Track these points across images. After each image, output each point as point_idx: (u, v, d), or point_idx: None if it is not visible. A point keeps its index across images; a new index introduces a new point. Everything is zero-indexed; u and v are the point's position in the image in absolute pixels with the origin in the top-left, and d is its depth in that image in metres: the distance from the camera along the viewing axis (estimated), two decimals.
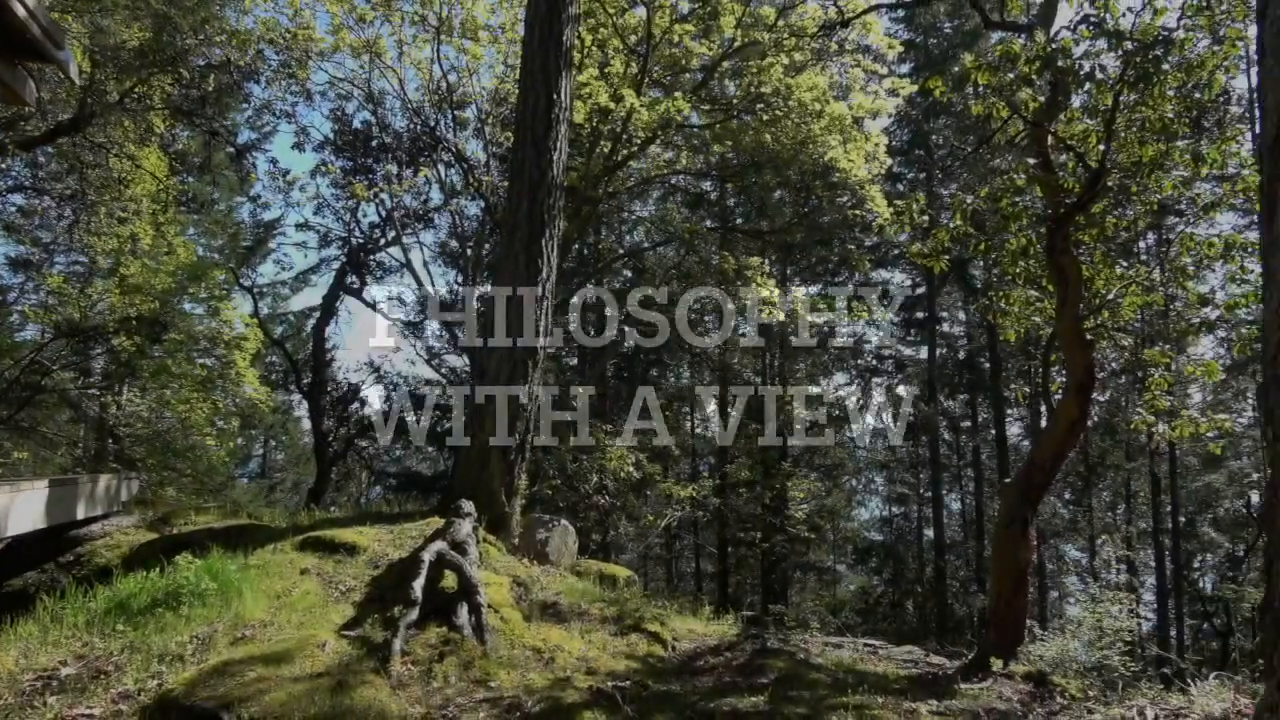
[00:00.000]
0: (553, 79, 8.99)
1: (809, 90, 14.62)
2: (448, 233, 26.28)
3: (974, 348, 28.45)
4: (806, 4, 15.10)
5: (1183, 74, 7.81)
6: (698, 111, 17.86)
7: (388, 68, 19.03)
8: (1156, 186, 8.49)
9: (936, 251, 9.21)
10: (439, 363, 26.88)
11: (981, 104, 8.10)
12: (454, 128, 20.41)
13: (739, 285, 17.05)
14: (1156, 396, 9.19)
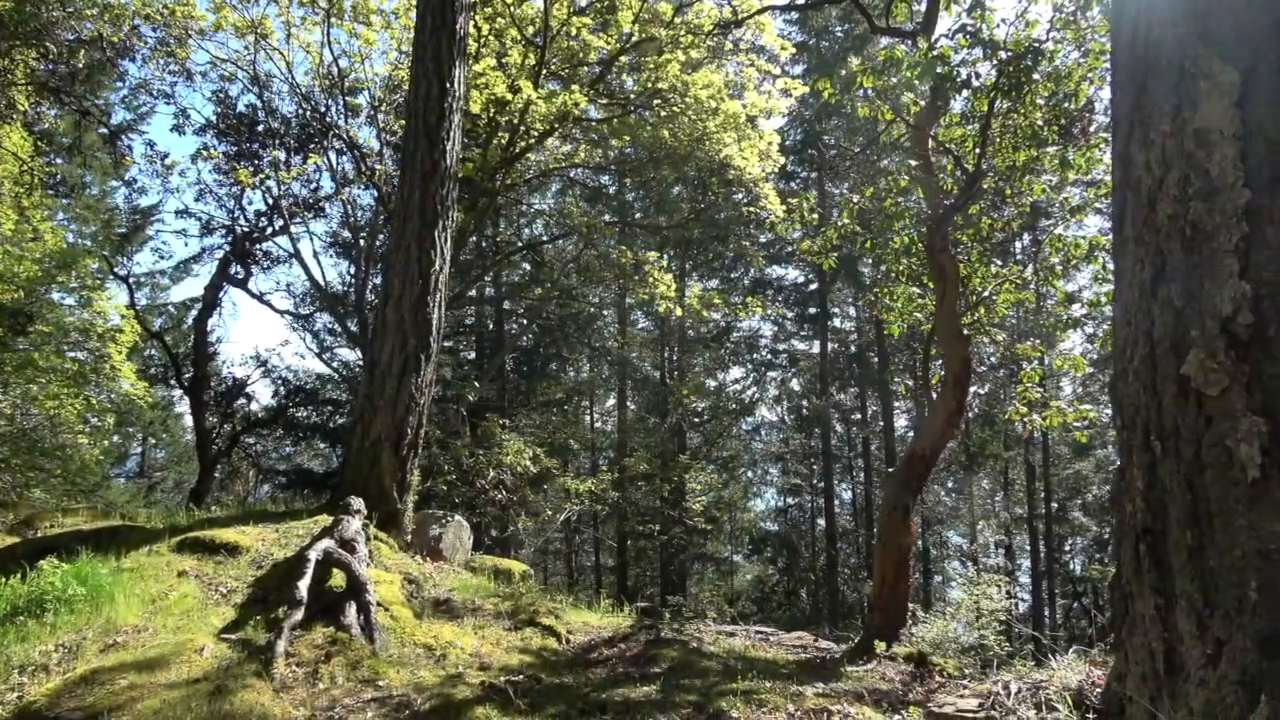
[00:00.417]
0: (446, 68, 8.83)
1: (705, 87, 14.80)
2: (340, 222, 25.50)
3: (863, 342, 29.41)
4: (703, 2, 15.28)
5: (1052, 84, 8.25)
6: (596, 105, 17.84)
7: (274, 49, 18.32)
8: (1028, 190, 8.97)
9: (826, 249, 9.49)
10: (330, 356, 26.09)
11: (867, 107, 8.38)
12: (346, 114, 19.82)
13: (637, 280, 17.14)
14: (1028, 389, 9.71)
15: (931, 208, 8.20)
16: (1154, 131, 3.31)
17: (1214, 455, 2.90)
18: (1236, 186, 2.99)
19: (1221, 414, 2.89)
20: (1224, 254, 2.97)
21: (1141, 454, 3.21)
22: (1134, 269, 3.35)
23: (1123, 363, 3.41)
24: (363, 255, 21.93)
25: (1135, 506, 3.23)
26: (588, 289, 25.81)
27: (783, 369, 30.95)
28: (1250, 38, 3.16)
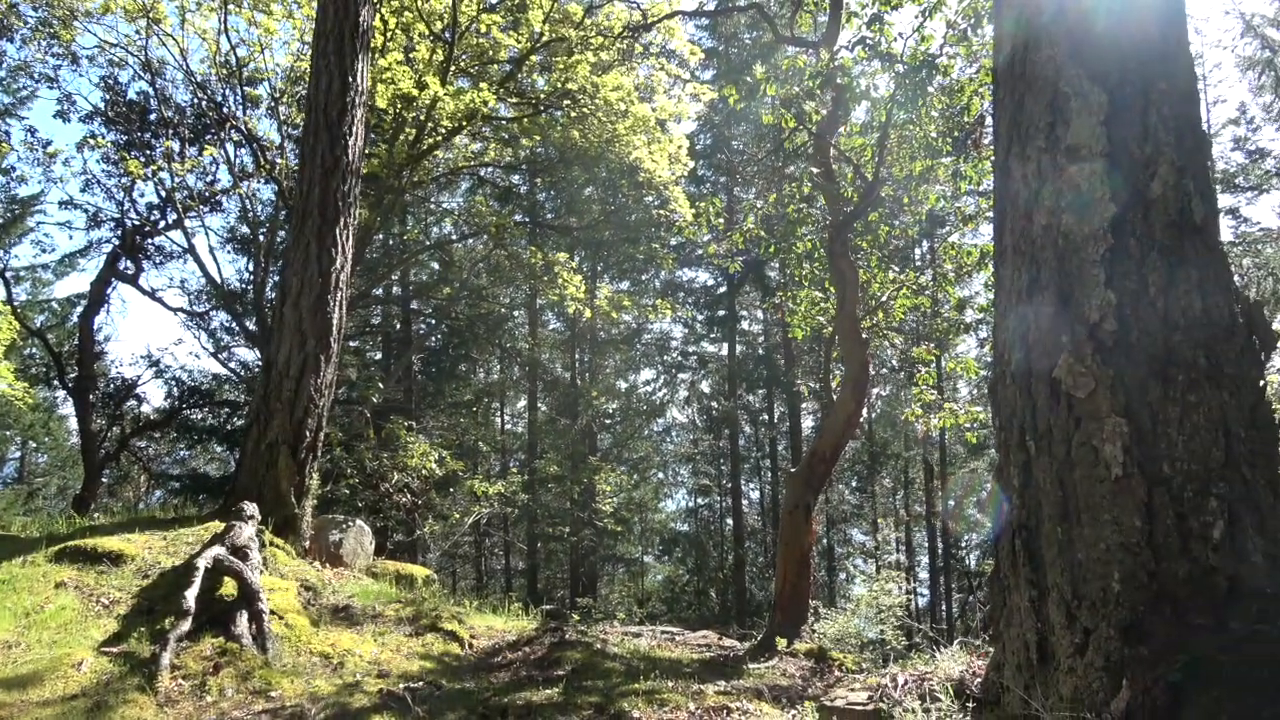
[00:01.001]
0: (348, 61, 8.62)
1: (615, 89, 14.83)
2: (238, 217, 24.56)
3: (770, 344, 29.94)
4: (613, 4, 15.30)
5: (946, 97, 8.57)
6: (506, 104, 17.68)
7: (168, 35, 17.52)
8: (924, 199, 9.29)
9: (732, 253, 9.63)
10: (227, 355, 25.11)
11: (771, 114, 8.54)
12: (244, 105, 19.10)
13: (547, 281, 17.06)
14: (924, 391, 10.06)
15: (833, 214, 8.41)
16: (1030, 147, 3.48)
17: (1082, 454, 3.06)
18: (1103, 201, 3.17)
19: (1089, 415, 3.06)
20: (1091, 264, 3.14)
21: (1017, 453, 3.36)
22: (1013, 277, 3.51)
23: (1001, 365, 3.56)
24: (262, 251, 21.18)
25: (1012, 503, 3.38)
26: (498, 289, 25.54)
27: (692, 371, 31.26)
28: (1117, 61, 3.35)
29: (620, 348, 30.07)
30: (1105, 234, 3.16)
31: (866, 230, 8.94)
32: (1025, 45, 3.66)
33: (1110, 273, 3.10)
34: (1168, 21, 3.45)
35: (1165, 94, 3.31)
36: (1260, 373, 3.09)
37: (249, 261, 24.68)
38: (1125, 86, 3.32)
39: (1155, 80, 3.32)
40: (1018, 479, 3.35)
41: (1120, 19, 3.41)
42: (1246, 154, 29.08)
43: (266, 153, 18.77)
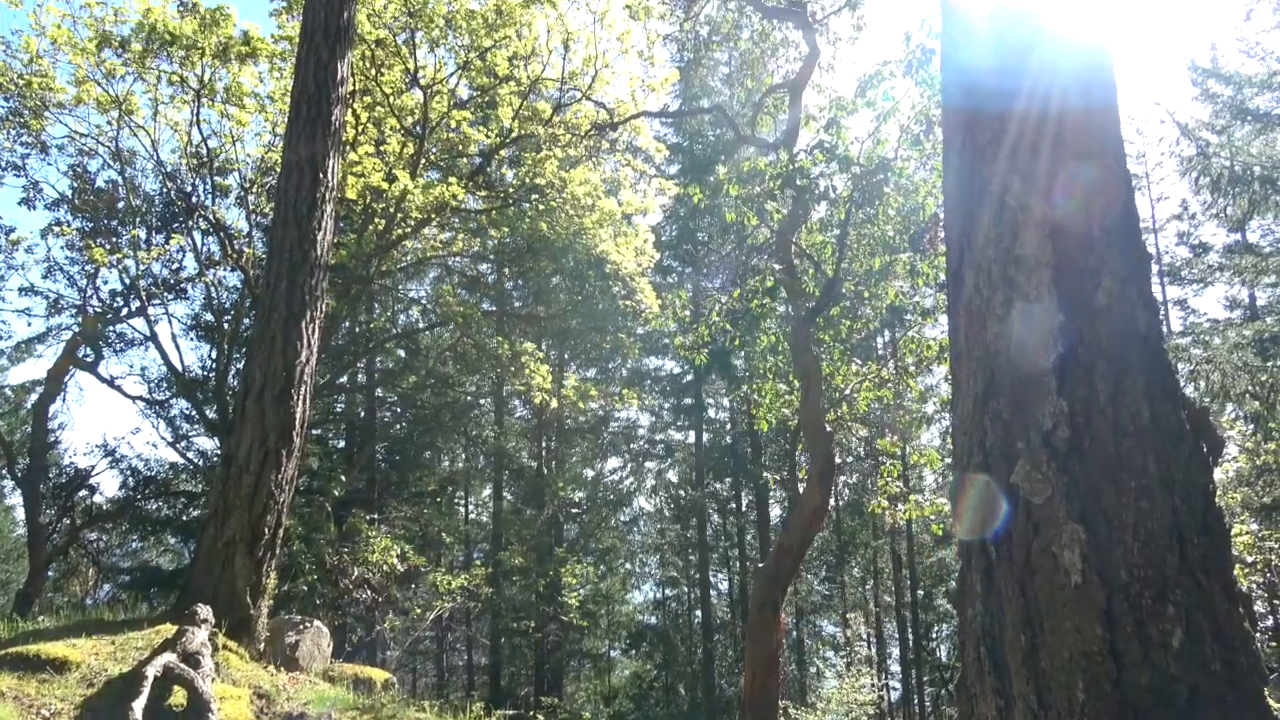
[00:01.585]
0: (320, 159, 8.75)
1: (582, 184, 15.17)
2: (202, 304, 24.43)
3: (737, 432, 29.99)
4: (581, 103, 15.78)
5: (902, 197, 8.86)
6: (475, 196, 17.98)
7: (139, 127, 17.70)
8: (884, 293, 9.51)
9: (698, 345, 9.74)
10: (186, 445, 24.60)
11: (734, 213, 8.78)
12: (213, 194, 19.21)
13: (514, 371, 17.07)
14: (889, 483, 10.11)
15: (795, 309, 8.58)
16: (981, 256, 3.60)
17: (1041, 561, 3.08)
18: (1051, 310, 3.28)
19: (1046, 521, 3.10)
20: (1043, 372, 3.23)
21: (979, 558, 3.38)
22: (968, 381, 3.59)
23: (960, 469, 3.61)
24: (226, 339, 21.02)
25: (975, 610, 3.38)
26: (464, 377, 25.48)
27: (660, 459, 31.14)
28: (1061, 184, 3.51)
29: (587, 436, 29.95)
30: (1055, 342, 3.26)
31: (829, 324, 9.11)
32: (973, 160, 3.82)
33: (1061, 380, 3.19)
34: (1106, 139, 3.64)
35: (1106, 208, 3.47)
36: (1209, 477, 3.17)
37: (212, 349, 24.44)
38: (1069, 203, 3.47)
39: (1096, 195, 3.48)
40: (980, 585, 3.35)
41: (1063, 137, 3.59)
42: (1190, 248, 30.29)
43: (234, 241, 18.81)
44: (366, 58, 15.39)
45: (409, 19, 15.05)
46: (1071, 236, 3.36)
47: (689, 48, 21.82)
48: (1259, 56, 14.67)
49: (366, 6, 14.52)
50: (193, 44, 15.59)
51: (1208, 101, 17.92)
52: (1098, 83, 3.83)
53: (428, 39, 15.61)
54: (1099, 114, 3.73)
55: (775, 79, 15.23)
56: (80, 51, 16.16)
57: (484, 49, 15.50)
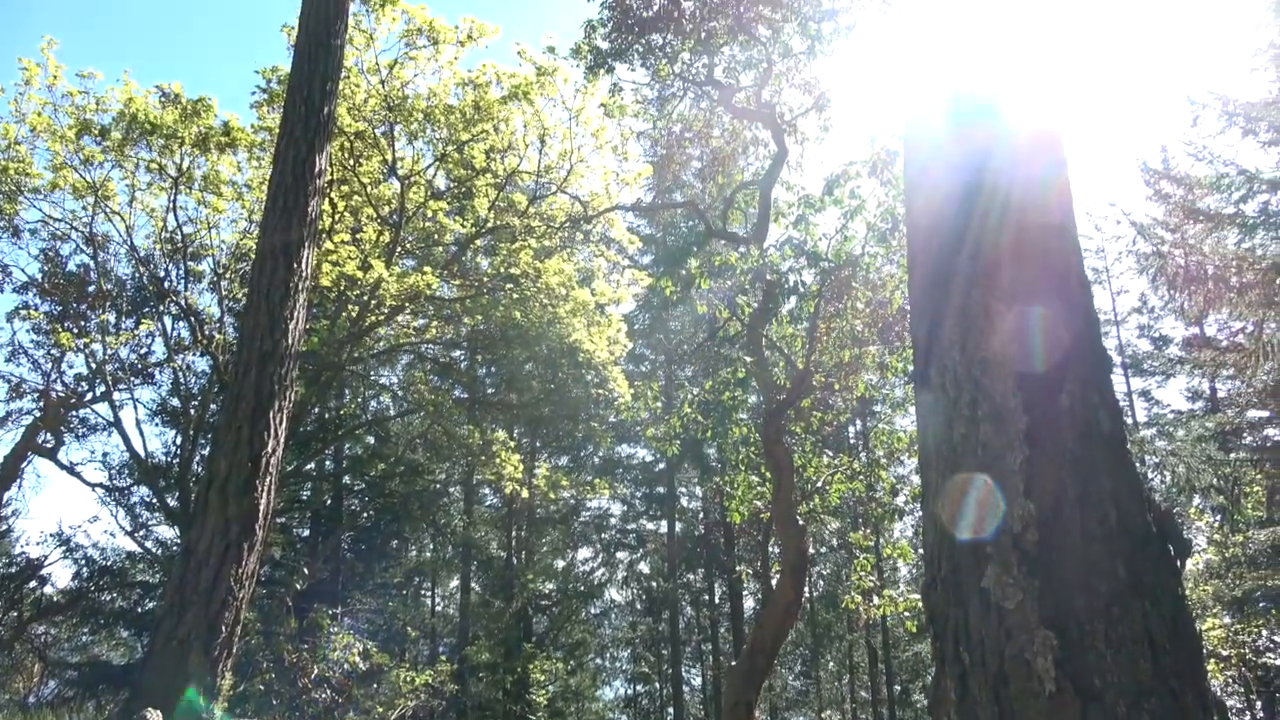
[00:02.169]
0: (294, 249, 8.80)
1: (556, 274, 15.35)
2: (169, 390, 24.11)
3: (710, 522, 29.71)
4: (556, 195, 16.09)
5: (869, 292, 9.03)
6: (449, 284, 18.09)
7: (114, 212, 17.77)
8: (854, 385, 9.60)
9: (670, 436, 9.72)
10: (145, 534, 23.91)
11: (706, 305, 8.89)
12: (186, 280, 19.20)
13: (484, 460, 16.90)
14: (863, 577, 10.01)
15: (767, 401, 8.62)
16: (947, 358, 3.66)
17: (1015, 667, 3.04)
18: (1017, 413, 3.32)
19: (1018, 627, 3.06)
20: (1011, 474, 3.24)
21: (953, 664, 3.32)
22: (937, 483, 3.60)
23: (933, 572, 3.58)
24: (192, 425, 20.70)
25: (950, 717, 3.31)
26: (434, 465, 25.15)
27: (631, 549, 30.69)
28: (1022, 288, 3.60)
29: (558, 525, 29.51)
30: (1021, 444, 3.28)
31: (800, 416, 9.16)
32: (936, 264, 3.91)
33: (1029, 483, 3.20)
34: (1064, 242, 3.74)
35: (1067, 313, 3.55)
36: (1178, 581, 3.17)
37: (177, 435, 24.03)
38: (1034, 307, 3.55)
39: (1056, 299, 3.57)
40: (955, 691, 3.29)
41: (1023, 241, 3.70)
42: (1151, 340, 31.01)
43: (204, 326, 18.74)
44: (345, 149, 15.67)
45: (389, 113, 15.39)
46: (1033, 340, 3.43)
47: (662, 144, 22.46)
48: (1207, 159, 15.32)
49: (347, 101, 14.84)
50: (173, 133, 15.80)
51: (1160, 201, 18.63)
52: (1055, 185, 3.96)
53: (406, 132, 15.95)
54: (1056, 216, 3.85)
55: (746, 175, 15.66)
56: (59, 138, 16.33)
57: (462, 142, 15.84)
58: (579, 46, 12.70)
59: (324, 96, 9.17)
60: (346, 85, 14.42)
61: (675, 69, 11.80)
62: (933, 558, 3.60)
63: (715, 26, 11.34)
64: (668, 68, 11.73)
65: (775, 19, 11.04)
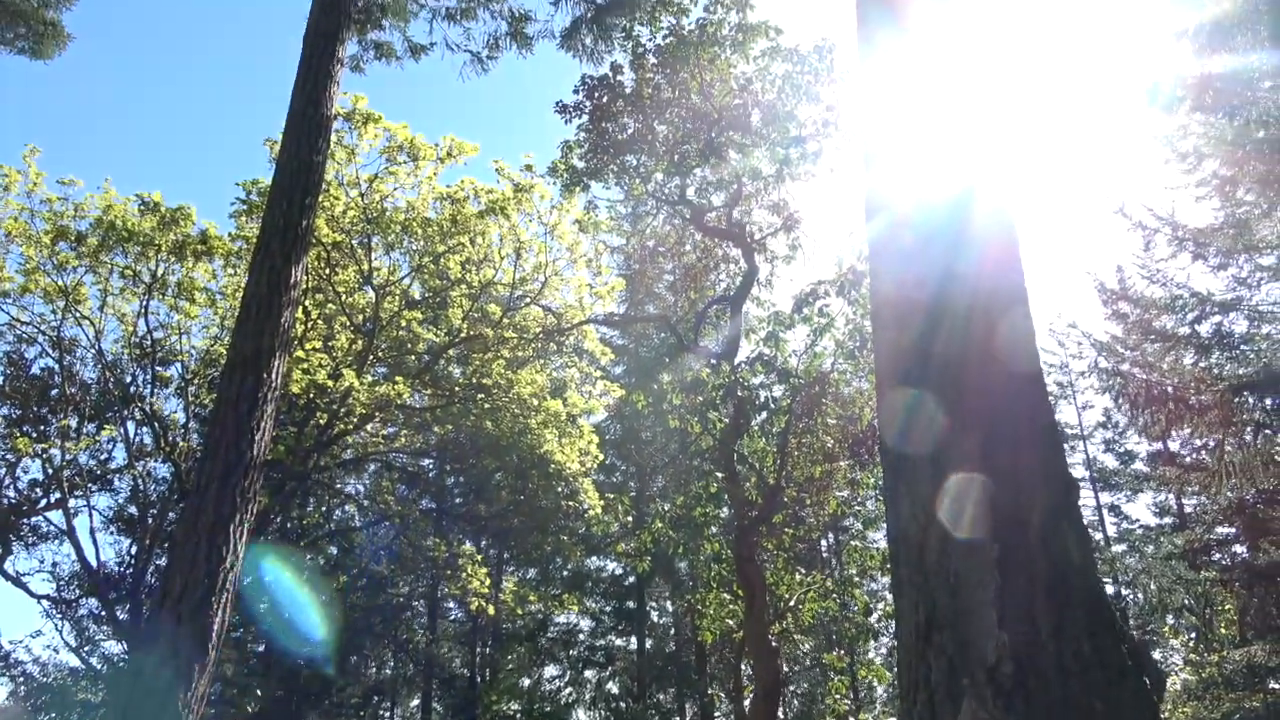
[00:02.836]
0: (265, 360, 8.75)
1: (529, 385, 15.36)
2: (127, 497, 23.46)
3: (682, 638, 28.92)
4: (530, 307, 16.27)
5: (839, 407, 9.11)
6: (420, 394, 18.02)
7: (84, 317, 17.68)
8: (826, 501, 9.56)
9: (641, 552, 9.57)
10: (91, 649, 22.82)
11: (678, 420, 8.91)
12: (153, 385, 18.98)
13: (450, 574, 16.48)
14: (837, 700, 9.74)
15: (739, 518, 8.55)
16: (915, 479, 3.67)
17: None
18: (987, 541, 3.31)
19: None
20: (984, 605, 3.21)
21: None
22: (910, 611, 3.55)
23: (909, 704, 3.49)
24: (148, 534, 20.07)
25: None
26: (399, 578, 24.47)
27: (599, 667, 29.67)
28: (987, 411, 3.66)
29: (524, 642, 28.55)
30: (993, 573, 3.27)
31: (771, 533, 9.07)
32: (903, 389, 3.97)
33: (1003, 613, 3.17)
34: (1028, 373, 3.82)
35: (1031, 439, 3.59)
36: (1155, 714, 3.11)
37: (132, 544, 23.24)
38: (997, 432, 3.59)
39: (1022, 425, 3.62)
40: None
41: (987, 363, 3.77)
42: (1117, 456, 31.35)
43: (169, 432, 18.42)
44: (322, 258, 15.83)
45: (367, 225, 15.64)
46: (1000, 469, 3.45)
47: (635, 258, 22.94)
48: (1160, 282, 15.89)
49: (326, 212, 15.09)
50: (150, 240, 15.92)
51: (1118, 320, 19.19)
52: (1015, 308, 4.04)
53: (384, 243, 16.18)
54: (1020, 342, 3.94)
55: (718, 289, 15.97)
56: (34, 243, 16.37)
57: (438, 254, 16.08)
58: (556, 165, 13.12)
59: (303, 210, 9.32)
60: (326, 198, 14.70)
61: (649, 188, 12.17)
62: (908, 690, 3.51)
63: (688, 150, 11.78)
64: (641, 187, 12.10)
65: (745, 144, 11.50)
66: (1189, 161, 14.22)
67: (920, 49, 4.49)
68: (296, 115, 9.36)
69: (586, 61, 11.79)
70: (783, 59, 11.46)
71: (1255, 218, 12.75)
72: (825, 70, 11.45)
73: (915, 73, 4.46)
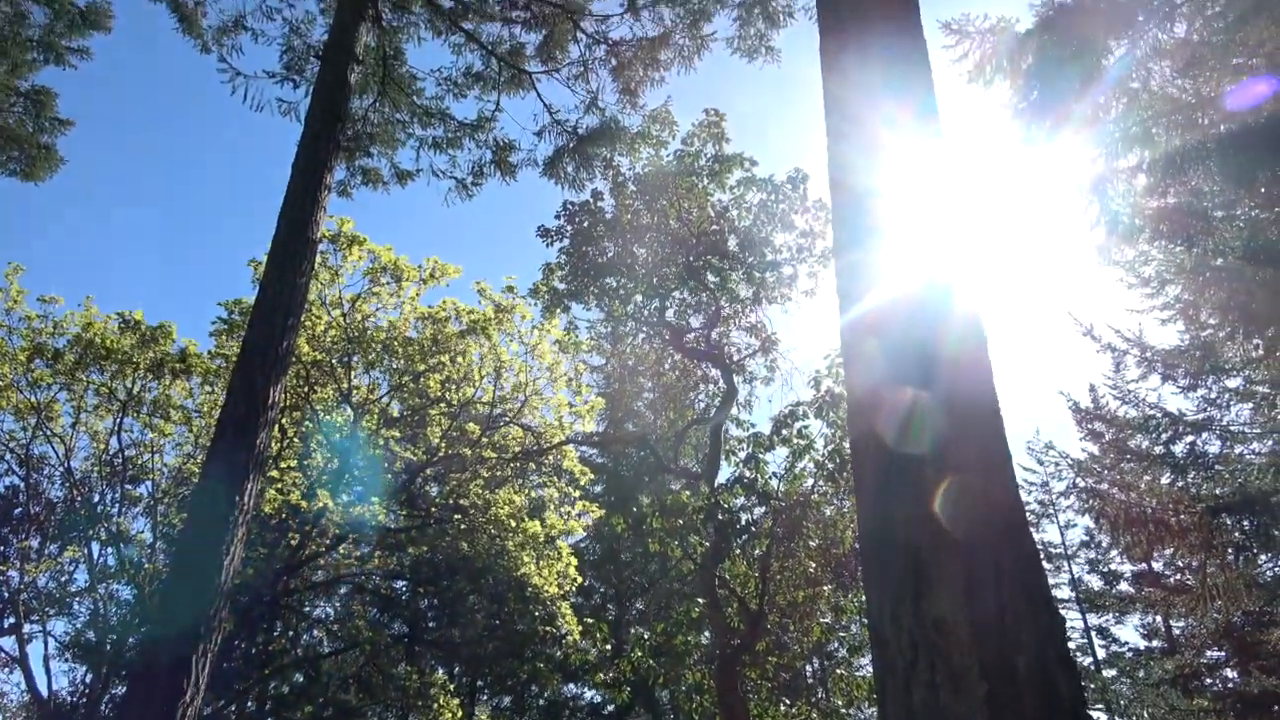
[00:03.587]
0: (238, 482, 8.58)
1: (506, 505, 15.15)
2: (86, 621, 22.51)
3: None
4: (509, 427, 16.22)
5: (821, 530, 9.03)
6: (395, 514, 17.71)
7: (55, 435, 17.42)
8: (810, 627, 9.35)
9: (619, 681, 9.25)
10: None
11: (657, 542, 8.78)
12: (121, 505, 18.57)
13: (421, 705, 15.80)
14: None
15: (721, 647, 8.33)
16: (901, 618, 3.60)
17: None
18: (974, 676, 3.23)
19: None
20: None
21: None
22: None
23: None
24: (106, 662, 19.18)
25: None
26: (367, 707, 23.36)
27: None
28: (971, 534, 3.63)
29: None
30: (983, 707, 3.18)
31: (755, 662, 8.82)
32: (884, 512, 3.94)
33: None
34: (1006, 499, 3.82)
35: (1015, 565, 3.55)
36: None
37: (88, 672, 22.17)
38: (978, 558, 3.55)
39: (1005, 550, 3.59)
40: None
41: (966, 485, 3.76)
42: (1102, 576, 31.01)
43: (136, 554, 17.90)
44: (301, 376, 15.81)
45: (348, 344, 15.71)
46: (984, 598, 3.41)
47: (615, 377, 23.06)
48: (1132, 403, 16.12)
49: (307, 331, 15.17)
50: (128, 358, 15.87)
51: (1094, 440, 19.35)
52: (990, 428, 4.04)
53: (364, 362, 16.22)
54: (995, 468, 3.93)
55: (697, 409, 16.02)
56: (9, 360, 16.29)
57: (418, 372, 16.11)
58: (537, 287, 13.35)
59: (284, 331, 9.35)
60: (308, 317, 14.81)
61: (628, 310, 12.37)
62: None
63: (666, 273, 12.06)
64: (621, 308, 12.29)
65: (723, 268, 11.80)
66: (1151, 286, 14.69)
67: (888, 169, 4.64)
68: (282, 239, 9.52)
69: (568, 188, 12.18)
70: (758, 188, 11.91)
71: (1219, 340, 13.09)
72: (799, 199, 11.90)
73: (884, 188, 4.59)
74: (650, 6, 11.64)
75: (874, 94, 4.52)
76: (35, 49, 13.35)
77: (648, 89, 11.85)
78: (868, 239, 4.67)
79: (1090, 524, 27.10)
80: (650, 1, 11.68)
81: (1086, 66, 8.67)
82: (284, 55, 11.36)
